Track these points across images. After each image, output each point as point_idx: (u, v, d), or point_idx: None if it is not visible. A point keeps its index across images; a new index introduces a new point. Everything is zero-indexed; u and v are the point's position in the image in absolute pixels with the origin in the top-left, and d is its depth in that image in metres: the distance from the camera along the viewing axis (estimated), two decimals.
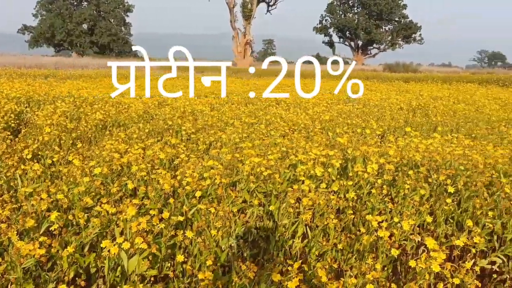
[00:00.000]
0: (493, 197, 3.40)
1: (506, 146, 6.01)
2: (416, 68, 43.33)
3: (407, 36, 72.63)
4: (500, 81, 24.29)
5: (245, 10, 51.84)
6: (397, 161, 4.25)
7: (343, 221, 3.31)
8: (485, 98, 13.78)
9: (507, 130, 7.54)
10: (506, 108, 11.29)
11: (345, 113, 9.08)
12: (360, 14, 72.89)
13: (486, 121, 8.86)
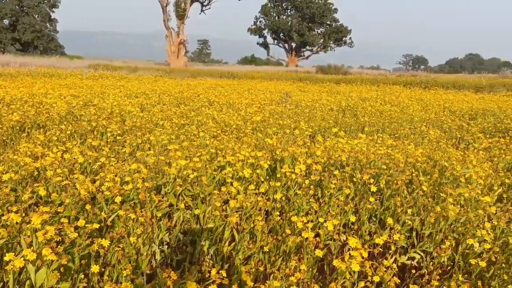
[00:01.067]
0: (413, 195, 3.53)
1: (426, 145, 6.34)
2: (347, 70, 44.90)
3: (338, 39, 75.31)
4: (423, 84, 25.78)
5: (178, 9, 51.05)
6: (324, 161, 4.31)
7: (271, 223, 3.29)
8: (409, 99, 14.51)
9: (428, 130, 7.96)
10: (427, 109, 11.94)
11: (277, 114, 9.16)
12: (294, 16, 74.54)
13: (409, 121, 9.29)
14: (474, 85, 25.76)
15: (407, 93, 17.63)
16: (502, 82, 27.04)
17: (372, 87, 22.57)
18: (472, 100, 14.59)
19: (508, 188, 4.42)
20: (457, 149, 6.37)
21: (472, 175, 3.83)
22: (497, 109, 11.52)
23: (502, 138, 6.87)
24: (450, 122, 9.20)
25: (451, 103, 13.26)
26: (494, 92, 21.64)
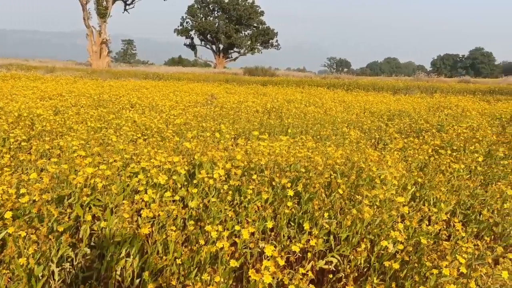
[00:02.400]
0: (331, 198, 3.52)
1: (347, 146, 6.48)
2: (274, 72, 45.56)
3: (265, 42, 76.33)
4: (345, 85, 26.76)
5: (99, 7, 48.84)
6: (244, 165, 4.20)
7: (187, 232, 3.12)
8: (332, 101, 14.91)
9: (349, 131, 8.18)
10: (349, 110, 12.31)
11: (201, 116, 8.97)
12: (221, 18, 74.51)
13: (332, 122, 9.48)
14: (392, 87, 27.16)
15: (330, 95, 18.14)
16: (416, 85, 28.78)
17: (298, 88, 22.98)
18: (390, 102, 15.29)
19: (421, 187, 4.59)
20: (376, 149, 6.57)
21: (387, 175, 3.92)
22: (412, 110, 12.14)
23: (416, 138, 7.21)
24: (369, 123, 9.51)
25: (371, 105, 13.79)
26: (409, 93, 22.93)
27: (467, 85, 33.74)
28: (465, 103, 15.04)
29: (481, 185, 4.94)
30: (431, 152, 5.76)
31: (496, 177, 5.20)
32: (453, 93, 24.06)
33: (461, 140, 6.44)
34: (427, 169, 5.27)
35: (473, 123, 8.79)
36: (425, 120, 9.86)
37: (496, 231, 3.89)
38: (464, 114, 11.58)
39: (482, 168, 5.12)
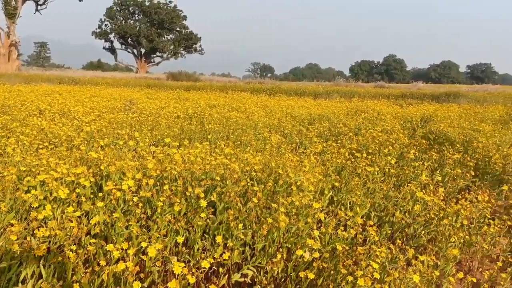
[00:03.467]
0: (247, 207, 3.39)
1: (267, 152, 6.42)
2: (198, 77, 45.14)
3: (188, 46, 75.57)
4: (268, 90, 27.09)
5: (7, 7, 45.36)
6: (157, 174, 3.95)
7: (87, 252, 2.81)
8: (255, 105, 14.93)
9: (270, 135, 8.15)
10: (271, 114, 12.36)
11: (117, 123, 8.50)
12: (142, 21, 72.62)
13: (254, 127, 9.43)
14: (313, 92, 27.95)
15: (254, 100, 18.19)
16: (336, 90, 29.86)
17: (221, 94, 22.87)
18: (311, 106, 15.63)
19: (338, 191, 4.62)
20: (296, 154, 6.58)
21: (303, 181, 3.87)
22: (331, 114, 12.45)
23: (334, 142, 7.34)
24: (291, 127, 9.58)
25: (293, 109, 13.98)
26: (329, 98, 23.71)
27: (382, 89, 35.68)
28: (381, 107, 15.77)
29: (394, 187, 5.09)
30: (348, 155, 5.86)
31: (408, 178, 5.39)
32: (370, 97, 25.26)
33: (376, 143, 6.65)
34: (344, 172, 5.34)
35: (387, 126, 9.16)
36: (344, 124, 10.12)
37: (408, 232, 4.00)
38: (380, 117, 12.08)
39: (395, 170, 5.28)
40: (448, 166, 5.82)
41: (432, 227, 4.03)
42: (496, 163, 6.42)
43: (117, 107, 11.96)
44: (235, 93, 23.28)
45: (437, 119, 11.61)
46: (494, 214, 5.11)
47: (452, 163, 5.90)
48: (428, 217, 4.10)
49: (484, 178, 6.17)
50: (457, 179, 5.52)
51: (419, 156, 6.22)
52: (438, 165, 6.03)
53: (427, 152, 6.36)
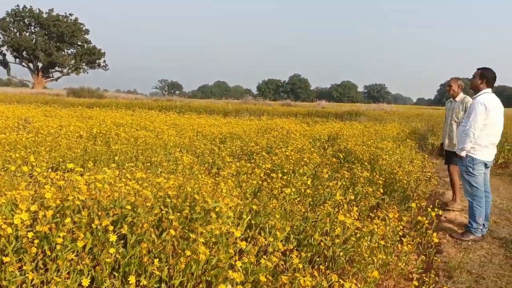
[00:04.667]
0: (162, 238, 3.08)
1: (180, 173, 6.12)
2: (102, 94, 43.21)
3: (91, 61, 72.11)
4: (177, 108, 26.63)
5: None
6: (56, 204, 3.48)
7: None
8: (164, 124, 14.47)
9: (182, 155, 7.84)
10: (182, 133, 12.02)
11: (9, 144, 7.63)
12: (39, 34, 67.92)
13: (164, 147, 9.05)
14: (223, 110, 28.01)
15: (162, 118, 17.67)
16: (245, 108, 30.24)
17: (128, 111, 21.95)
18: (221, 124, 15.52)
19: (256, 214, 4.47)
20: (210, 174, 6.36)
21: (222, 207, 3.66)
22: (242, 133, 12.43)
23: (248, 161, 7.25)
24: (202, 146, 9.34)
25: (204, 127, 13.76)
26: (239, 116, 23.86)
27: (289, 108, 36.87)
28: (289, 125, 16.14)
29: (310, 207, 5.07)
30: (264, 176, 5.77)
31: (323, 198, 5.43)
32: (278, 115, 25.88)
33: (290, 163, 6.65)
34: (261, 194, 5.23)
35: (298, 145, 9.30)
36: (255, 142, 10.12)
37: (328, 254, 3.95)
38: (289, 135, 12.29)
39: (311, 190, 5.29)
40: (359, 185, 5.98)
41: (350, 248, 4.03)
42: (401, 179, 6.75)
43: (10, 126, 10.85)
44: (143, 111, 22.51)
45: (343, 137, 12.10)
46: (403, 230, 5.31)
47: (362, 182, 6.07)
48: (346, 237, 4.10)
49: (392, 196, 6.44)
50: (368, 197, 5.67)
51: (332, 175, 6.33)
52: (350, 183, 6.17)
53: (339, 171, 6.49)
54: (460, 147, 5.46)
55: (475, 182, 5.41)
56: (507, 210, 6.91)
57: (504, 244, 5.28)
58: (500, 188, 8.62)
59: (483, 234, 5.48)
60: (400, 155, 9.24)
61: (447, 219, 6.31)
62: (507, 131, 15.30)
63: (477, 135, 5.30)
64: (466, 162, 5.45)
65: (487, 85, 5.53)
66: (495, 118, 5.42)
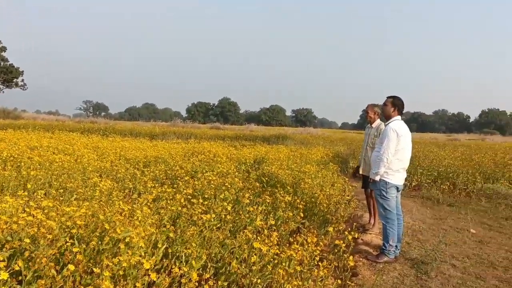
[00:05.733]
0: (62, 274, 2.85)
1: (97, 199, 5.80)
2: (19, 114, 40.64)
3: (8, 80, 67.70)
4: (101, 131, 25.64)
5: None
6: None
7: None
8: (85, 147, 13.80)
9: (101, 181, 7.47)
10: (103, 157, 11.52)
11: None
12: None
13: (82, 171, 8.59)
14: (150, 133, 27.38)
15: (84, 141, 16.86)
16: (173, 130, 29.80)
17: (46, 133, 20.76)
18: (147, 148, 15.11)
19: (173, 243, 4.32)
20: (130, 201, 6.10)
21: (133, 237, 3.47)
22: (168, 156, 12.16)
23: (170, 186, 7.05)
24: (124, 171, 8.99)
25: (127, 151, 13.30)
26: (166, 139, 23.44)
27: (218, 131, 36.92)
28: (217, 148, 16.07)
29: (231, 234, 5.01)
30: (184, 201, 5.62)
31: (244, 223, 5.38)
32: (206, 138, 25.78)
33: (212, 187, 6.57)
34: (179, 221, 5.07)
35: (223, 169, 9.24)
36: (180, 166, 9.92)
37: (245, 282, 3.88)
38: (216, 159, 12.21)
39: (231, 216, 5.22)
40: (280, 209, 6.01)
41: (267, 275, 3.99)
42: (321, 203, 6.90)
43: None
44: (63, 133, 21.37)
45: (269, 161, 12.22)
46: (321, 254, 5.38)
47: (284, 206, 6.11)
48: (263, 264, 4.07)
49: (312, 219, 6.54)
50: (289, 222, 5.72)
51: (253, 200, 6.31)
52: (271, 208, 6.19)
53: (261, 196, 6.50)
54: (374, 171, 5.69)
55: (388, 205, 5.65)
56: (419, 231, 7.28)
57: (415, 264, 5.52)
58: (413, 209, 9.11)
59: (396, 255, 5.70)
60: (322, 179, 9.47)
61: (364, 241, 6.52)
62: (420, 155, 16.38)
63: (390, 160, 5.56)
64: (380, 186, 5.69)
65: (398, 113, 5.86)
66: (405, 144, 5.73)
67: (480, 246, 6.63)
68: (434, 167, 13.25)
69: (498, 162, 14.74)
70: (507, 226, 8.18)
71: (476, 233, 7.45)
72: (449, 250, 6.24)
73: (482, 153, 18.38)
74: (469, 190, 11.44)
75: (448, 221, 8.30)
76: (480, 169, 13.22)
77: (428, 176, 12.51)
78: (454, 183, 12.05)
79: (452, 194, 11.33)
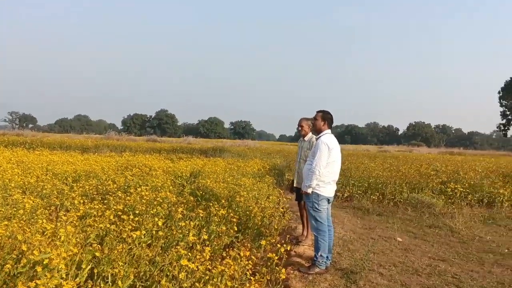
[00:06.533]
0: None
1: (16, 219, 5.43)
2: None
3: None
4: (28, 144, 24.23)
5: None
6: None
7: None
8: (8, 162, 12.96)
9: (24, 198, 7.03)
10: (29, 172, 10.87)
11: None
12: None
13: (3, 188, 8.04)
14: (81, 146, 26.26)
15: (7, 155, 15.82)
16: (106, 143, 28.79)
17: None
18: (77, 162, 14.46)
19: (99, 262, 4.13)
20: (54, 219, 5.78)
21: (53, 258, 3.28)
22: (100, 170, 11.71)
23: (101, 202, 6.77)
24: (50, 186, 8.52)
25: (55, 165, 12.65)
26: (99, 153, 22.59)
27: (154, 144, 36.15)
28: (152, 161, 15.71)
29: (162, 250, 4.88)
30: (114, 218, 5.41)
31: (176, 239, 5.27)
32: (142, 151, 25.14)
33: (143, 203, 6.39)
34: (107, 239, 4.87)
35: (158, 183, 9.03)
36: (113, 181, 9.58)
37: None
38: (151, 173, 11.92)
39: (163, 232, 5.09)
40: (213, 224, 5.96)
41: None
42: (256, 216, 6.92)
43: None
44: None
45: (205, 174, 12.12)
46: (254, 267, 5.39)
47: (217, 220, 6.07)
48: (195, 280, 3.99)
49: (246, 233, 6.54)
50: (222, 236, 5.67)
51: (187, 215, 6.21)
52: (205, 222, 6.12)
53: (195, 210, 6.41)
54: (306, 184, 5.80)
55: (320, 217, 5.77)
56: (349, 241, 7.51)
57: (345, 274, 5.67)
58: (345, 220, 9.39)
59: (327, 266, 5.82)
60: (258, 192, 9.53)
61: (297, 253, 6.61)
62: (352, 167, 16.98)
63: (322, 172, 5.70)
64: (312, 198, 5.80)
65: (328, 126, 6.04)
66: (335, 157, 5.90)
67: (406, 254, 6.95)
68: (365, 178, 13.77)
69: (423, 173, 15.59)
70: (430, 233, 8.65)
71: (402, 241, 7.80)
72: (377, 259, 6.49)
73: (408, 164, 19.38)
74: (396, 200, 11.98)
75: (377, 231, 8.64)
76: (407, 180, 13.91)
77: (359, 187, 12.97)
78: (383, 193, 12.58)
79: (381, 204, 11.83)
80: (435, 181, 13.86)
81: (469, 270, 6.24)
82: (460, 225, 9.25)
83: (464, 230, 8.93)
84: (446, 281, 5.72)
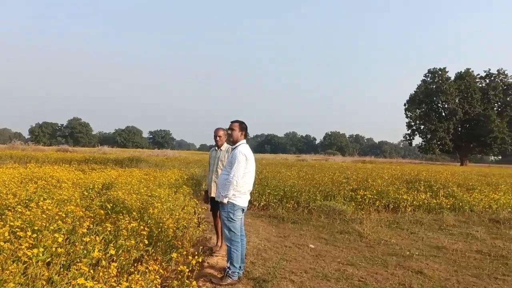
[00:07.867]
0: None
1: None
2: None
3: None
4: None
5: None
6: None
7: None
8: None
9: None
10: None
11: None
12: None
13: None
14: None
15: None
16: (9, 154, 26.68)
17: None
18: None
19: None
20: None
21: None
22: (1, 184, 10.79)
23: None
24: None
25: None
26: (1, 164, 20.89)
27: (65, 154, 34.18)
28: (61, 173, 14.83)
29: (64, 268, 4.56)
30: (9, 235, 4.96)
31: (80, 255, 4.96)
32: (50, 162, 23.63)
33: (44, 218, 5.94)
34: (2, 257, 4.45)
35: (65, 196, 8.49)
36: (14, 194, 8.84)
37: None
38: (59, 185, 11.20)
39: (64, 248, 4.76)
40: (122, 237, 5.70)
41: None
42: (169, 228, 6.74)
43: None
44: None
45: (119, 185, 11.64)
46: (165, 281, 5.23)
47: (126, 234, 5.81)
48: None
49: (157, 245, 6.35)
50: (131, 250, 5.44)
51: (93, 229, 5.88)
52: (113, 236, 5.83)
53: (103, 224, 6.09)
54: (223, 194, 5.75)
55: (234, 227, 5.76)
56: (263, 250, 7.58)
57: (257, 283, 5.69)
58: (260, 229, 9.48)
59: (240, 276, 5.81)
60: (173, 202, 9.32)
61: (210, 264, 6.53)
62: (269, 176, 17.27)
63: (239, 182, 5.70)
64: (227, 208, 5.77)
65: (244, 136, 6.08)
66: (251, 167, 5.94)
67: (317, 260, 7.15)
68: (280, 187, 14.05)
69: (335, 181, 16.28)
70: (340, 239, 9.01)
71: (314, 248, 8.03)
72: (289, 266, 6.60)
73: (323, 172, 20.14)
74: (310, 207, 12.36)
75: (291, 238, 8.82)
76: (320, 188, 14.43)
77: (275, 195, 13.20)
78: (298, 201, 12.92)
79: (296, 212, 12.12)
80: (346, 188, 14.52)
81: (374, 273, 6.57)
82: (368, 230, 9.73)
83: (371, 234, 9.41)
84: (353, 284, 5.96)
